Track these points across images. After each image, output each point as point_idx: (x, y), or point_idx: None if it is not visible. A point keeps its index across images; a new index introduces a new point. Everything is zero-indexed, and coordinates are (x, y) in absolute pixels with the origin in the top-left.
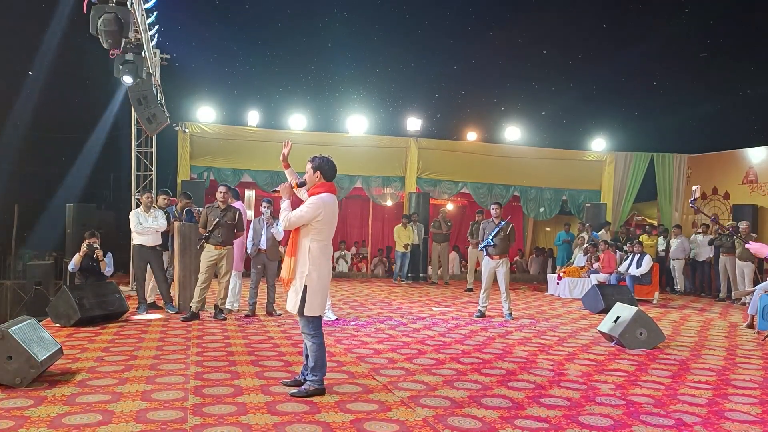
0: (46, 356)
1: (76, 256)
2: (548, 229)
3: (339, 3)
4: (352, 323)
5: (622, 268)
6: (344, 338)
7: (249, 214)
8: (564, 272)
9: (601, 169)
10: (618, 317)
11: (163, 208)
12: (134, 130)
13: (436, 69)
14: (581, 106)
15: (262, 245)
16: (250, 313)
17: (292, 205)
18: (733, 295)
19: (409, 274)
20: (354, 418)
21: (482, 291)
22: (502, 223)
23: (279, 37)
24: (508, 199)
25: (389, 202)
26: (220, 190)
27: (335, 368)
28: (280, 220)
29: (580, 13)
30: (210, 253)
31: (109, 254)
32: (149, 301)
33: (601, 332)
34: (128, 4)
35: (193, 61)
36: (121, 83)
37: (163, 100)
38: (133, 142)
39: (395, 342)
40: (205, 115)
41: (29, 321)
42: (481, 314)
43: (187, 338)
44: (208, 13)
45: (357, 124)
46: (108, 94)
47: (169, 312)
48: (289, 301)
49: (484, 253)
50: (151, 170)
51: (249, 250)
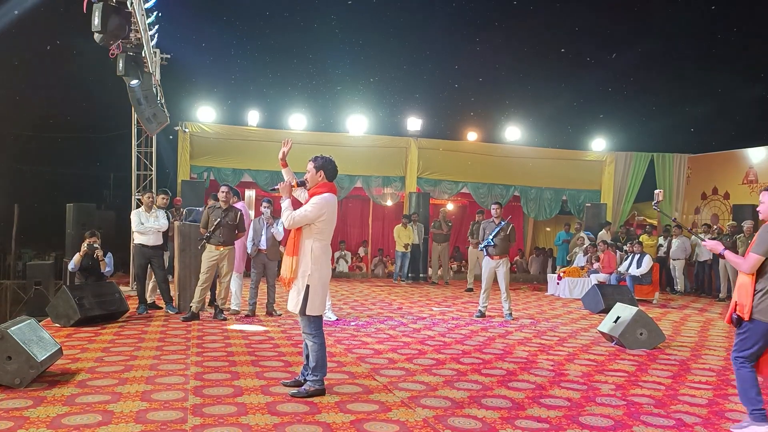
0: (45, 356)
1: (76, 256)
2: (548, 229)
3: (339, 3)
4: (353, 323)
5: (622, 268)
6: (344, 338)
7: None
8: (564, 272)
9: (601, 169)
10: (618, 317)
11: (164, 208)
12: (134, 130)
13: (437, 69)
14: (581, 106)
15: (262, 245)
16: (250, 313)
17: (291, 206)
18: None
19: (410, 274)
20: (354, 419)
21: (482, 291)
22: (503, 223)
23: (279, 36)
24: (508, 199)
25: (389, 202)
26: (222, 190)
27: (335, 368)
28: (283, 219)
29: (581, 13)
30: (211, 253)
31: (109, 254)
32: (149, 301)
33: (601, 332)
34: (128, 4)
35: (193, 60)
36: (121, 82)
37: (163, 100)
38: (133, 142)
39: (395, 342)
40: (205, 114)
41: (29, 321)
42: (482, 314)
43: (187, 338)
44: (208, 13)
45: (357, 124)
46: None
47: (170, 312)
48: (291, 301)
49: (485, 253)
50: (151, 170)
51: (249, 250)
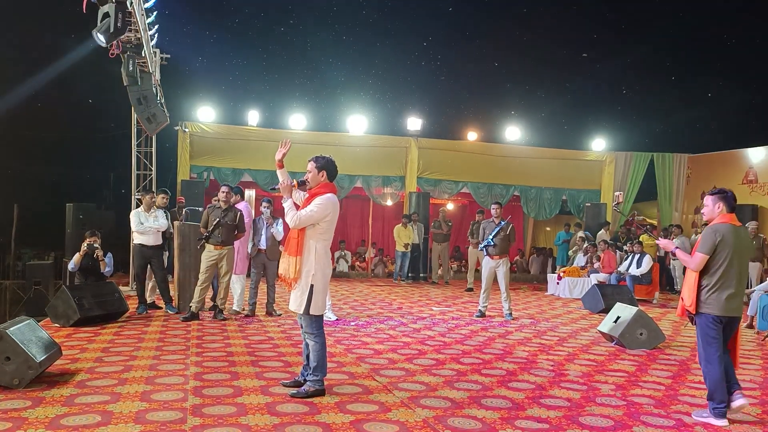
0: (44, 357)
1: (76, 256)
2: (548, 229)
3: (339, 3)
4: (352, 323)
5: (622, 268)
6: (344, 338)
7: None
8: (564, 272)
9: (601, 169)
10: (618, 317)
11: (164, 208)
12: (134, 130)
13: (437, 69)
14: (581, 106)
15: (262, 245)
16: (250, 313)
17: (294, 206)
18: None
19: (410, 274)
20: (354, 419)
21: (482, 291)
22: (503, 222)
23: (279, 36)
24: (508, 199)
25: (389, 202)
26: (222, 189)
27: (335, 369)
28: (287, 219)
29: (581, 13)
30: (210, 253)
31: (109, 254)
32: (149, 301)
33: (601, 332)
34: (128, 4)
35: (193, 60)
36: (121, 82)
37: (163, 100)
38: (133, 142)
39: (395, 342)
40: (205, 114)
41: (28, 321)
42: (482, 314)
43: (186, 338)
44: (208, 13)
45: (357, 123)
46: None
47: (169, 312)
48: (294, 301)
49: (485, 253)
50: (151, 170)
51: (249, 250)
